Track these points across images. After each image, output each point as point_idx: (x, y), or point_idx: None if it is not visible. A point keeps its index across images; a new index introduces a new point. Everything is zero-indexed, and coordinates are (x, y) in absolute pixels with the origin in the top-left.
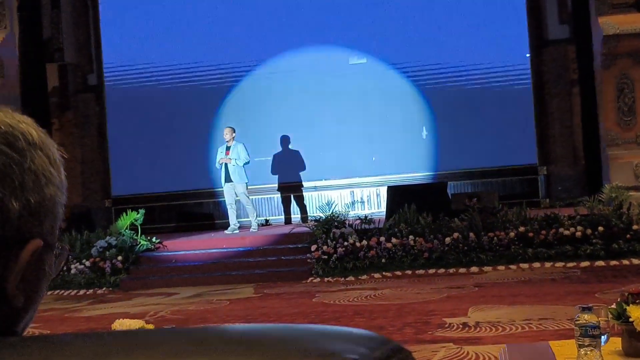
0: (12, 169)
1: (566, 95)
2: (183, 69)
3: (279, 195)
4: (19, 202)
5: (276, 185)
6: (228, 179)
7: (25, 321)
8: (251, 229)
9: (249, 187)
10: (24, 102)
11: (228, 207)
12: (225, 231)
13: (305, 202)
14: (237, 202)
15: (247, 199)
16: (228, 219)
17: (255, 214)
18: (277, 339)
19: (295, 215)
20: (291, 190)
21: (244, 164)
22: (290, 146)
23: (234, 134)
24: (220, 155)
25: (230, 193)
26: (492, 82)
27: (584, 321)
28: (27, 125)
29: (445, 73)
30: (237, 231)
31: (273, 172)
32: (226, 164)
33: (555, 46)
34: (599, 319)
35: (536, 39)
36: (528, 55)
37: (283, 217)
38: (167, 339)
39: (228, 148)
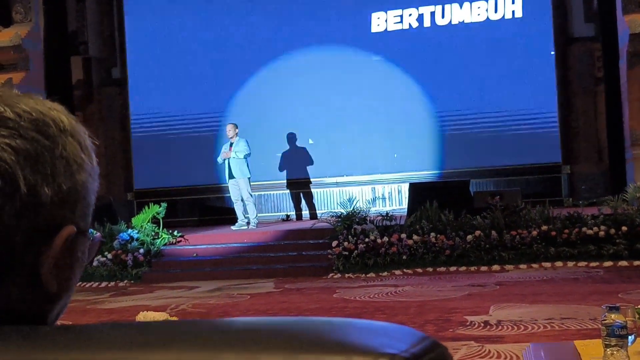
0: (43, 156)
1: (591, 94)
2: (207, 61)
3: (298, 191)
4: (51, 189)
5: (299, 180)
6: (231, 175)
7: (59, 307)
8: (250, 227)
9: (252, 183)
10: (48, 94)
11: (234, 203)
12: (232, 227)
13: (320, 198)
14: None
15: (249, 196)
16: (239, 214)
17: (255, 212)
18: (314, 332)
19: (305, 212)
20: (304, 186)
21: (245, 156)
22: (297, 143)
23: (236, 130)
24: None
25: (234, 189)
26: (517, 80)
27: (611, 321)
28: (57, 112)
29: (469, 71)
30: (246, 227)
31: (281, 170)
32: (229, 160)
33: (580, 44)
34: (626, 318)
35: (561, 36)
36: (553, 52)
37: (308, 212)
38: (205, 331)
39: (231, 145)
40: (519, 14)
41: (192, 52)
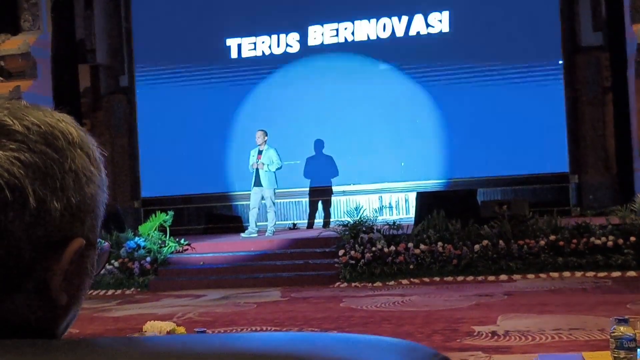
0: (53, 170)
1: (599, 103)
2: (214, 70)
3: (307, 199)
4: (61, 203)
5: (306, 189)
6: (258, 183)
7: (68, 320)
8: (266, 234)
9: (276, 191)
10: (56, 102)
11: (251, 210)
12: (242, 234)
13: (333, 206)
14: (262, 205)
15: (272, 204)
16: (248, 222)
17: (274, 221)
18: (321, 348)
19: (319, 220)
20: (321, 194)
21: (277, 169)
22: (323, 150)
23: (265, 137)
24: (252, 159)
25: (257, 197)
26: (525, 89)
27: (620, 333)
28: (66, 124)
29: (477, 80)
30: (255, 235)
31: (306, 176)
32: (257, 168)
33: (588, 53)
34: (635, 331)
35: (569, 45)
36: (561, 62)
37: (322, 220)
38: (215, 347)
39: (260, 152)
40: (526, 22)
41: (199, 60)
